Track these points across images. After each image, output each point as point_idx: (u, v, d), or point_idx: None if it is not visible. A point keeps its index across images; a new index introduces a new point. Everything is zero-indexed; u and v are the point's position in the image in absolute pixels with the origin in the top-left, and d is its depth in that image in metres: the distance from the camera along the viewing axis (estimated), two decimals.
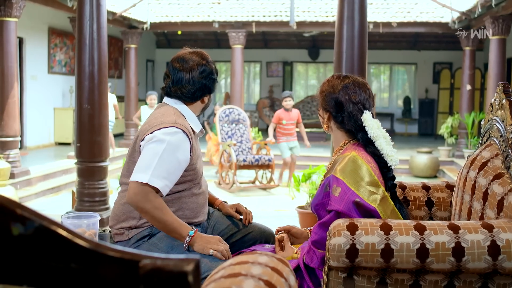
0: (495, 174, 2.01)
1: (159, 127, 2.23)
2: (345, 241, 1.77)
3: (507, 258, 1.71)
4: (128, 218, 2.32)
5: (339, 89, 2.20)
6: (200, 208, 2.42)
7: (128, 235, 2.32)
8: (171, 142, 2.20)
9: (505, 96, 2.11)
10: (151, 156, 2.17)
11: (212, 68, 2.40)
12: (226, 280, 1.21)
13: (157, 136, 2.21)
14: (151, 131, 2.24)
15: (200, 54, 2.44)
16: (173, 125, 2.24)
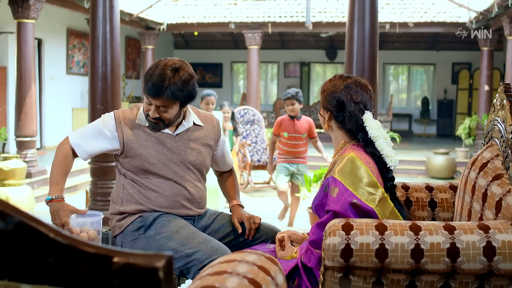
0: (494, 174, 1.99)
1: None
2: (340, 241, 1.78)
3: (503, 259, 1.70)
4: (112, 204, 2.47)
5: (341, 88, 2.20)
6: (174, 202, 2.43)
7: (120, 228, 2.40)
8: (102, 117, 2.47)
9: (506, 97, 2.09)
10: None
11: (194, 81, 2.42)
12: (211, 278, 1.22)
13: None
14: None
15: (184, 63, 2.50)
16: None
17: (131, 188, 2.42)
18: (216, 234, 2.51)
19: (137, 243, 2.34)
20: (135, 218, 2.37)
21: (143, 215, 2.36)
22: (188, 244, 2.22)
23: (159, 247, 2.28)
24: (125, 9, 10.51)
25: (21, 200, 6.34)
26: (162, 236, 2.30)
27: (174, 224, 2.33)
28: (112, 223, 2.45)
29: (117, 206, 2.42)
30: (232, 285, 1.19)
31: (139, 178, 2.41)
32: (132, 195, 2.41)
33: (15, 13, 7.71)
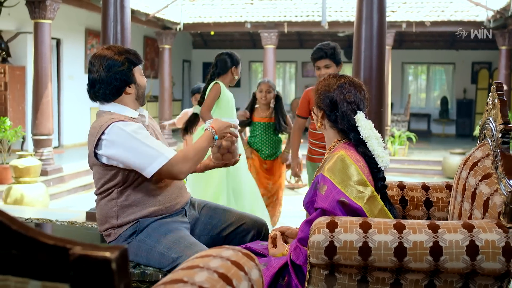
0: (484, 174, 1.99)
1: (101, 132, 2.23)
2: (324, 239, 1.79)
3: (486, 258, 1.70)
4: (107, 219, 2.35)
5: (334, 88, 2.21)
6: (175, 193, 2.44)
7: (115, 235, 2.36)
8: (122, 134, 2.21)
9: (498, 96, 2.08)
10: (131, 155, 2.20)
11: (115, 60, 2.30)
12: (182, 272, 1.25)
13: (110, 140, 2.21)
14: (97, 139, 2.23)
15: (103, 48, 2.39)
16: (110, 121, 2.24)
17: (134, 195, 2.32)
18: (205, 227, 2.54)
19: (129, 247, 2.33)
20: (131, 225, 2.35)
21: (139, 221, 2.35)
22: (174, 248, 2.24)
23: (148, 251, 2.31)
24: (142, 9, 10.61)
25: (35, 197, 6.45)
26: (151, 240, 2.32)
27: (164, 228, 2.34)
28: (107, 232, 2.40)
29: (112, 220, 2.34)
30: (200, 279, 1.22)
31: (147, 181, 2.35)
32: (131, 204, 2.33)
33: (32, 13, 7.85)
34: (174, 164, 2.22)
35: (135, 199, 2.33)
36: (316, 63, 3.81)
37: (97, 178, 2.35)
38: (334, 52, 3.80)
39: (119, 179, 2.29)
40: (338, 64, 3.82)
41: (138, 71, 2.37)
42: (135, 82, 2.35)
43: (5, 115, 9.68)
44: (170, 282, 1.19)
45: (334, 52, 3.80)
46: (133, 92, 2.36)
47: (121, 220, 2.33)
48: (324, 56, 3.77)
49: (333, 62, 3.79)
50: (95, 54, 2.35)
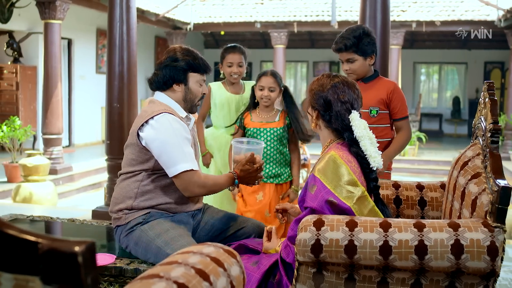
0: (473, 173, 1.99)
1: (151, 116, 2.36)
2: (310, 237, 1.81)
3: (471, 257, 1.70)
4: (124, 199, 2.43)
5: (328, 88, 2.21)
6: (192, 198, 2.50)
7: (125, 220, 2.42)
8: (168, 127, 2.33)
9: (489, 95, 2.08)
10: (166, 149, 2.31)
11: (175, 56, 2.46)
12: (159, 267, 1.28)
13: (154, 127, 2.33)
14: (144, 121, 2.36)
15: (181, 47, 2.54)
16: (163, 111, 2.37)
17: (159, 182, 2.41)
18: (205, 228, 2.57)
19: (132, 234, 2.40)
20: (142, 213, 2.41)
21: (150, 212, 2.41)
22: (171, 245, 2.28)
23: (148, 242, 2.35)
24: (151, 9, 10.68)
25: (44, 195, 6.53)
26: (153, 232, 2.36)
27: (168, 224, 2.39)
28: (118, 215, 2.46)
29: (129, 200, 2.42)
30: (176, 274, 1.24)
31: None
32: (152, 190, 2.41)
33: (42, 14, 7.94)
34: (190, 181, 2.32)
35: (158, 186, 2.41)
36: (339, 56, 3.10)
37: (129, 158, 2.44)
38: (358, 42, 2.95)
39: (150, 165, 2.39)
40: (366, 56, 2.99)
41: (195, 78, 2.48)
42: (186, 84, 2.47)
43: (17, 114, 9.80)
44: (146, 277, 1.21)
45: (358, 41, 2.95)
46: (180, 91, 2.48)
47: (137, 203, 2.40)
48: (343, 48, 2.99)
49: (357, 54, 2.98)
50: (170, 47, 2.56)
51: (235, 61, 3.46)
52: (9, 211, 4.52)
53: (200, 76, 2.50)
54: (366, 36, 2.99)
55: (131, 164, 2.42)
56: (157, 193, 2.41)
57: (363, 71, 3.04)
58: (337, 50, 3.05)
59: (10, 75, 10.02)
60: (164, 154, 2.31)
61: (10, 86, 10.04)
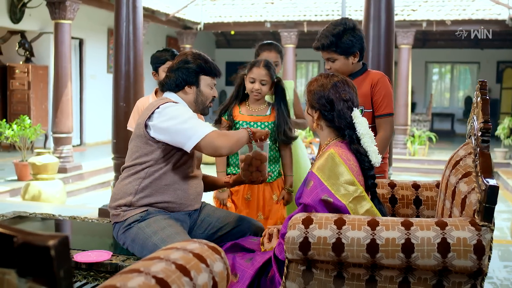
0: (464, 172, 1.99)
1: (157, 106, 2.41)
2: (299, 234, 1.83)
3: (457, 256, 1.71)
4: (125, 195, 2.46)
5: (329, 87, 2.22)
6: (195, 195, 2.54)
7: (123, 217, 2.45)
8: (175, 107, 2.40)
9: (481, 94, 2.09)
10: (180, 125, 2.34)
11: (187, 59, 2.52)
12: (141, 263, 1.31)
13: (162, 113, 2.38)
14: (151, 112, 2.40)
15: (192, 51, 2.59)
16: (169, 101, 2.44)
17: (159, 180, 2.44)
18: (202, 225, 2.60)
19: (129, 231, 2.43)
20: (141, 211, 2.44)
21: (148, 210, 2.44)
22: (168, 242, 2.30)
23: (145, 240, 2.38)
24: (162, 9, 10.74)
25: (53, 193, 6.61)
26: (150, 230, 2.39)
27: (165, 221, 2.41)
28: (116, 212, 2.48)
29: (129, 196, 2.45)
30: (156, 269, 1.26)
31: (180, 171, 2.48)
32: (153, 188, 2.44)
33: (53, 14, 8.03)
34: (214, 138, 2.33)
35: (159, 184, 2.44)
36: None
37: (132, 152, 2.47)
38: (337, 41, 2.74)
39: (154, 156, 2.41)
40: (348, 55, 2.78)
41: (206, 81, 2.54)
42: (197, 86, 2.53)
43: (28, 113, 9.92)
44: (127, 272, 1.24)
45: (337, 40, 2.74)
46: (192, 94, 2.53)
47: (137, 198, 2.43)
48: (320, 48, 2.81)
49: (337, 53, 2.78)
50: (182, 52, 2.66)
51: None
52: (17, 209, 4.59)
53: (211, 79, 2.56)
54: (347, 33, 2.74)
55: (135, 157, 2.45)
56: (157, 191, 2.44)
57: (346, 70, 2.81)
58: (316, 49, 2.86)
59: (22, 74, 10.14)
60: (179, 130, 2.34)
61: (22, 86, 10.16)
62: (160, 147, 2.41)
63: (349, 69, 2.83)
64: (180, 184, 2.48)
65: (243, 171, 2.68)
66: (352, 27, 2.77)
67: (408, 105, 11.31)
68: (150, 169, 2.43)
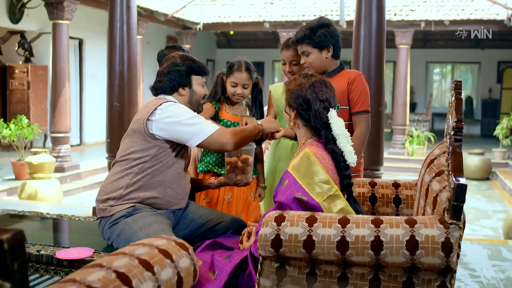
0: (438, 171, 2.02)
1: (159, 103, 2.46)
2: (271, 232, 1.85)
3: (425, 253, 1.73)
4: (115, 188, 2.49)
5: (306, 87, 2.26)
6: (182, 194, 2.58)
7: (110, 212, 2.48)
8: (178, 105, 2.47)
9: (455, 94, 2.11)
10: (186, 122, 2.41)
11: (176, 62, 2.56)
12: (105, 258, 1.34)
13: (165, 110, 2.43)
14: (153, 109, 2.44)
15: (179, 54, 2.64)
16: (168, 100, 2.50)
17: (151, 177, 2.47)
18: (185, 222, 2.63)
19: (115, 226, 2.45)
20: (127, 207, 2.47)
21: (135, 206, 2.47)
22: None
23: (130, 235, 2.41)
24: (160, 10, 10.78)
25: (49, 193, 6.65)
26: (136, 225, 2.42)
27: (151, 218, 2.44)
28: (103, 206, 2.50)
29: (119, 190, 2.47)
30: (118, 264, 1.29)
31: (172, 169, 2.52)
32: (143, 183, 2.47)
33: (51, 14, 8.08)
34: (221, 135, 2.44)
35: (150, 180, 2.48)
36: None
37: (128, 147, 2.50)
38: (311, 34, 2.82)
39: (150, 153, 2.46)
40: (321, 49, 2.84)
41: (197, 80, 2.61)
42: (190, 87, 2.59)
43: (28, 113, 9.97)
44: (90, 266, 1.27)
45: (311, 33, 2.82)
46: (186, 95, 2.59)
47: (127, 192, 2.46)
48: (295, 41, 2.90)
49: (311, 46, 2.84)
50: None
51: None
52: (12, 207, 4.63)
53: (201, 78, 2.63)
54: (321, 27, 2.83)
55: (130, 152, 2.47)
56: (148, 187, 2.48)
57: (320, 64, 2.86)
58: (292, 43, 2.93)
59: (21, 74, 10.20)
60: (185, 127, 2.41)
61: (21, 86, 10.21)
62: (158, 144, 2.45)
63: (323, 64, 2.86)
64: (171, 182, 2.52)
65: (228, 174, 2.74)
66: (326, 23, 2.85)
67: (407, 105, 11.32)
68: (145, 165, 2.46)
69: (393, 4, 11.58)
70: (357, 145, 2.66)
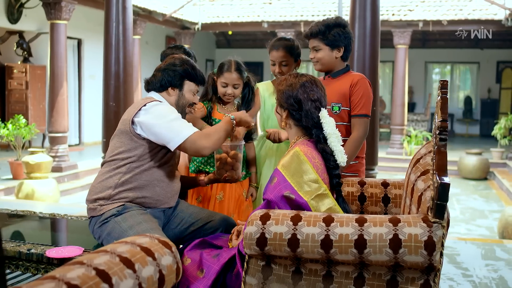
0: (423, 170, 2.03)
1: (144, 104, 2.47)
2: (256, 230, 1.87)
3: (408, 251, 1.75)
4: (104, 188, 2.50)
5: (297, 87, 2.27)
6: (172, 193, 2.59)
7: (100, 211, 2.49)
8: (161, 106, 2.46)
9: (441, 93, 2.12)
10: (166, 123, 2.42)
11: (175, 62, 2.58)
12: (87, 255, 1.35)
13: (149, 111, 2.44)
14: (138, 109, 2.45)
15: (182, 57, 2.67)
16: (155, 100, 2.51)
17: (139, 176, 2.49)
18: (175, 220, 2.64)
19: (105, 225, 2.46)
20: (117, 205, 2.48)
21: (125, 204, 2.49)
22: None
23: (120, 233, 2.42)
24: (158, 10, 10.80)
25: (46, 192, 6.66)
26: (126, 224, 2.43)
27: (141, 217, 2.46)
28: (93, 205, 2.52)
29: (108, 190, 2.49)
30: (98, 262, 1.31)
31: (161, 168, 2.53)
32: (132, 183, 2.48)
33: (48, 14, 8.10)
34: (196, 139, 2.42)
35: (139, 180, 2.50)
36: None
37: (116, 147, 2.51)
38: (326, 31, 2.87)
39: (137, 152, 2.47)
40: (333, 48, 2.89)
41: (190, 87, 2.62)
42: (180, 90, 2.60)
43: (26, 113, 9.99)
44: (70, 264, 1.28)
45: (326, 30, 2.87)
46: (174, 96, 2.60)
47: (116, 192, 2.47)
48: (309, 35, 2.94)
49: (323, 43, 2.89)
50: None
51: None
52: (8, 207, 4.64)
53: (195, 86, 2.64)
54: (337, 26, 2.86)
55: (118, 152, 2.48)
56: (137, 186, 2.49)
57: (328, 62, 2.90)
58: (305, 36, 2.96)
59: (20, 74, 10.22)
60: (165, 129, 2.41)
61: (20, 85, 10.24)
62: (144, 144, 2.47)
63: (331, 63, 2.90)
64: (159, 181, 2.54)
65: (218, 170, 2.76)
66: (343, 24, 2.90)
67: (405, 105, 11.33)
68: (132, 164, 2.48)
69: (391, 4, 11.59)
70: (351, 148, 2.73)
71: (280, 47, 3.09)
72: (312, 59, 2.94)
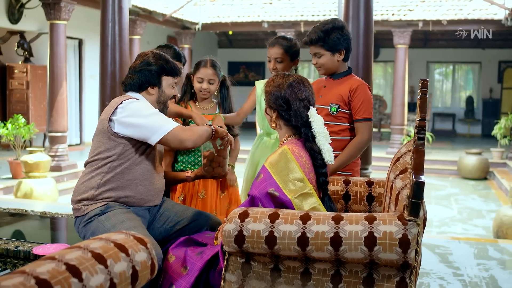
0: (402, 169, 2.06)
1: (120, 102, 2.48)
2: (234, 228, 1.90)
3: (383, 249, 1.77)
4: (87, 189, 2.52)
5: (285, 87, 2.29)
6: (156, 191, 2.62)
7: (84, 211, 2.52)
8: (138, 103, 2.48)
9: (421, 93, 2.14)
10: (145, 118, 2.44)
11: (149, 61, 2.58)
12: (60, 251, 1.38)
13: (126, 108, 2.45)
14: (114, 108, 2.47)
15: (153, 51, 2.66)
16: (131, 98, 2.52)
17: (121, 175, 2.51)
18: (160, 219, 2.67)
19: (90, 225, 2.49)
20: (101, 205, 2.51)
21: (108, 204, 2.51)
22: None
23: (103, 233, 2.43)
24: (158, 10, 10.84)
25: (44, 191, 6.71)
26: (109, 223, 2.46)
27: (124, 215, 2.49)
28: (77, 206, 2.55)
29: (91, 191, 2.51)
30: (70, 257, 1.34)
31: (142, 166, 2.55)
32: (114, 182, 2.51)
33: (48, 14, 8.15)
34: (179, 132, 2.45)
35: (121, 179, 2.52)
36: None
37: (96, 147, 2.54)
38: (325, 37, 2.88)
39: (116, 151, 2.49)
40: (334, 52, 2.90)
41: (168, 81, 2.62)
42: (160, 87, 2.61)
43: (27, 113, 10.05)
44: (43, 259, 1.31)
45: (325, 36, 2.88)
46: (155, 94, 2.61)
47: (99, 192, 2.50)
48: (309, 42, 2.96)
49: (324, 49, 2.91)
50: (142, 53, 2.69)
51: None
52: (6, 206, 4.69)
53: (172, 79, 2.64)
54: (335, 30, 2.88)
55: (98, 152, 2.51)
56: (119, 185, 2.51)
57: (331, 66, 2.94)
58: (305, 43, 2.97)
59: (20, 74, 10.28)
60: (145, 124, 2.43)
61: (21, 85, 10.29)
62: (123, 142, 2.48)
63: (334, 66, 2.94)
64: (142, 179, 2.56)
65: (205, 167, 2.80)
66: (340, 26, 2.92)
67: (405, 104, 11.34)
68: (113, 163, 2.50)
69: (391, 4, 11.60)
70: (355, 149, 2.85)
71: (276, 44, 3.16)
72: (315, 65, 2.98)
